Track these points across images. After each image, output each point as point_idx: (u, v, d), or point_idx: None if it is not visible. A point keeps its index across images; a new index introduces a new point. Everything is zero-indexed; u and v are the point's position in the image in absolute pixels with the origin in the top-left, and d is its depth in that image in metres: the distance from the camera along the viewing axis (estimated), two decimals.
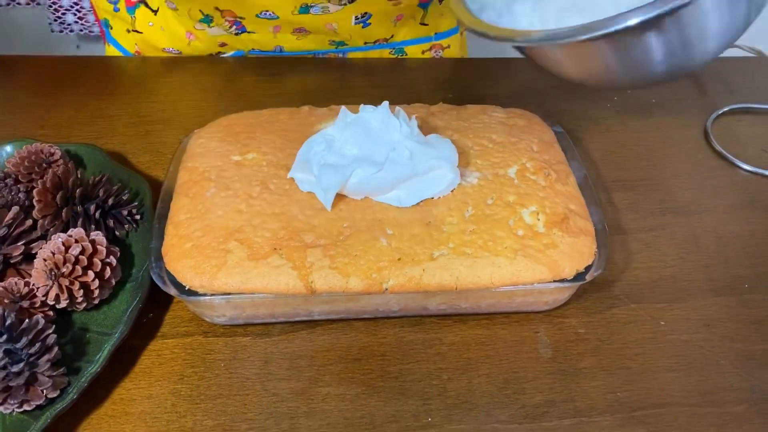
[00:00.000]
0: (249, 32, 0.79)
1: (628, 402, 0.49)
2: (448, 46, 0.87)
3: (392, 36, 0.84)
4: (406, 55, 0.87)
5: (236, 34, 0.79)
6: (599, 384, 0.50)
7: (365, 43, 0.84)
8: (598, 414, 0.48)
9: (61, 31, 1.14)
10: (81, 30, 1.14)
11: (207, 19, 0.77)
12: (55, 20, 1.12)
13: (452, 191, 0.54)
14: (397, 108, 0.56)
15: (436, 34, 0.86)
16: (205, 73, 0.80)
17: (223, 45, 0.82)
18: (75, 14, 1.11)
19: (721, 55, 0.82)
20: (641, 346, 0.52)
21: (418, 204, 0.53)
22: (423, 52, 0.87)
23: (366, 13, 0.77)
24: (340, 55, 0.86)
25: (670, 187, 0.66)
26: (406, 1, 0.77)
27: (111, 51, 0.87)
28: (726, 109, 0.74)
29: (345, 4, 0.75)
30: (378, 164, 0.52)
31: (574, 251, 0.51)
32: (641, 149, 0.70)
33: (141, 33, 0.82)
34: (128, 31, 0.83)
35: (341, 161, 0.52)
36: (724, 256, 0.59)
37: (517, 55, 0.83)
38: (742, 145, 0.70)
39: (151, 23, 0.81)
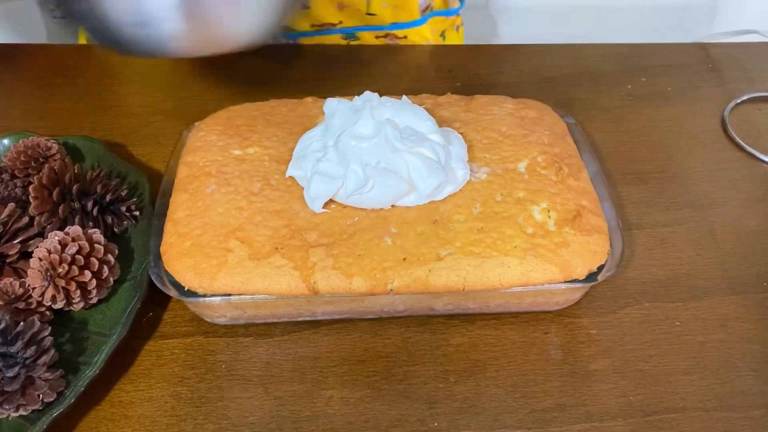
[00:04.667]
0: None
1: (641, 406, 0.47)
2: (405, 37, 0.83)
3: (340, 22, 0.81)
4: (359, 39, 0.84)
5: None
6: (611, 387, 0.48)
7: (312, 26, 0.81)
8: (611, 419, 0.47)
9: (64, 17, 1.12)
10: None
11: None
12: (58, 6, 1.10)
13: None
14: (420, 108, 0.54)
15: (392, 24, 0.82)
16: (205, 63, 0.78)
17: None
18: None
19: (739, 41, 0.80)
20: (655, 347, 0.51)
21: None
22: (376, 37, 0.83)
23: None
24: (290, 41, 0.83)
25: (685, 180, 0.64)
26: None
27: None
28: (745, 97, 0.71)
29: None
30: (371, 182, 0.49)
31: (587, 250, 0.49)
32: (656, 140, 0.68)
33: None
34: None
35: (334, 170, 0.50)
36: (742, 252, 0.57)
37: (527, 41, 0.81)
38: (762, 135, 0.68)
39: None
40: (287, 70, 0.77)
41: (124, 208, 0.55)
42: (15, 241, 0.51)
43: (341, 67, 0.78)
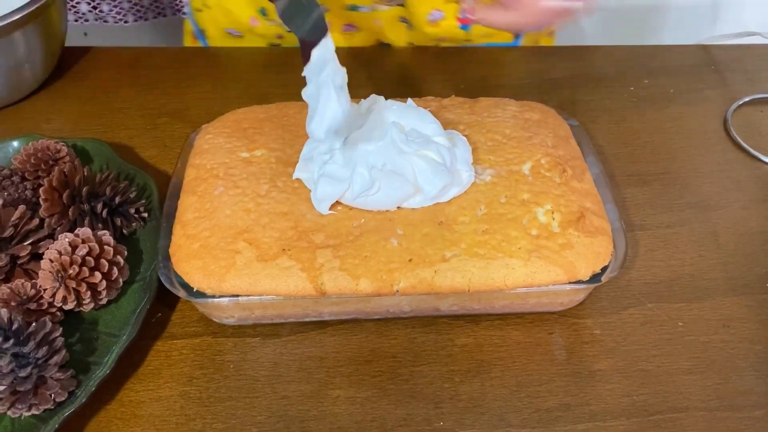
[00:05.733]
0: None
1: (644, 406, 0.48)
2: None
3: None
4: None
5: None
6: (615, 387, 0.49)
7: (408, 44, 0.82)
8: (614, 418, 0.47)
9: (76, 21, 1.12)
10: (96, 19, 1.12)
11: (263, 11, 0.76)
12: (69, 9, 1.11)
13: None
14: (425, 111, 0.54)
15: (487, 43, 0.82)
16: (212, 65, 0.79)
17: (280, 37, 0.81)
18: (89, 3, 1.09)
19: (741, 43, 0.80)
20: (658, 347, 0.51)
21: None
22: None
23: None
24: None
25: (688, 181, 0.64)
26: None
27: (188, 27, 0.87)
28: (747, 99, 0.72)
29: (394, 6, 0.73)
30: (377, 185, 0.50)
31: (590, 252, 0.49)
32: (658, 141, 0.68)
33: (209, 8, 0.81)
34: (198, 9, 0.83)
35: (340, 172, 0.50)
36: (744, 253, 0.58)
37: (530, 43, 0.81)
38: (764, 136, 0.68)
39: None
40: (289, 73, 0.77)
41: (132, 210, 0.56)
42: (26, 243, 0.52)
43: (346, 70, 0.78)
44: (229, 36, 0.83)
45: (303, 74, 0.50)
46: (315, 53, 0.50)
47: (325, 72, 0.49)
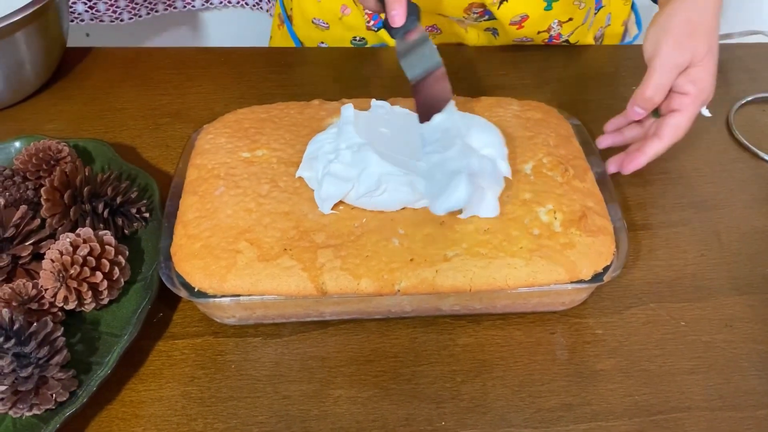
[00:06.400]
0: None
1: (646, 406, 0.48)
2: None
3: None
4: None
5: (376, 29, 0.78)
6: (617, 387, 0.49)
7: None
8: (616, 418, 0.47)
9: (72, 21, 1.13)
10: (92, 19, 1.12)
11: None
12: None
13: None
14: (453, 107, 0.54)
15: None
16: (213, 65, 0.79)
17: (368, 29, 0.80)
18: (85, 3, 1.10)
19: (744, 42, 0.80)
20: (660, 347, 0.51)
21: None
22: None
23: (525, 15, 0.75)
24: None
25: (690, 181, 0.64)
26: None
27: (277, 10, 0.88)
28: (750, 98, 0.72)
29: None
30: (383, 187, 0.50)
31: (592, 251, 0.49)
32: None
33: None
34: None
35: (345, 172, 0.50)
36: (746, 252, 0.58)
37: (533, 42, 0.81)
38: (767, 135, 0.68)
39: None
40: (290, 73, 0.77)
41: (134, 210, 0.56)
42: (27, 243, 0.52)
43: (347, 69, 0.78)
44: (315, 27, 0.82)
45: (420, 131, 0.52)
46: (437, 118, 0.51)
47: (455, 149, 0.49)
